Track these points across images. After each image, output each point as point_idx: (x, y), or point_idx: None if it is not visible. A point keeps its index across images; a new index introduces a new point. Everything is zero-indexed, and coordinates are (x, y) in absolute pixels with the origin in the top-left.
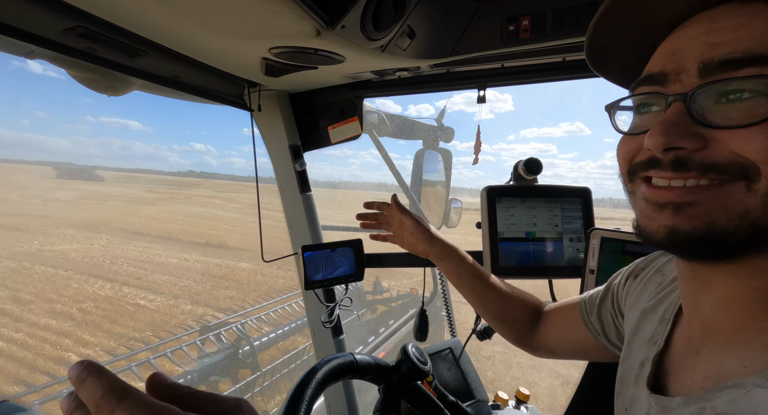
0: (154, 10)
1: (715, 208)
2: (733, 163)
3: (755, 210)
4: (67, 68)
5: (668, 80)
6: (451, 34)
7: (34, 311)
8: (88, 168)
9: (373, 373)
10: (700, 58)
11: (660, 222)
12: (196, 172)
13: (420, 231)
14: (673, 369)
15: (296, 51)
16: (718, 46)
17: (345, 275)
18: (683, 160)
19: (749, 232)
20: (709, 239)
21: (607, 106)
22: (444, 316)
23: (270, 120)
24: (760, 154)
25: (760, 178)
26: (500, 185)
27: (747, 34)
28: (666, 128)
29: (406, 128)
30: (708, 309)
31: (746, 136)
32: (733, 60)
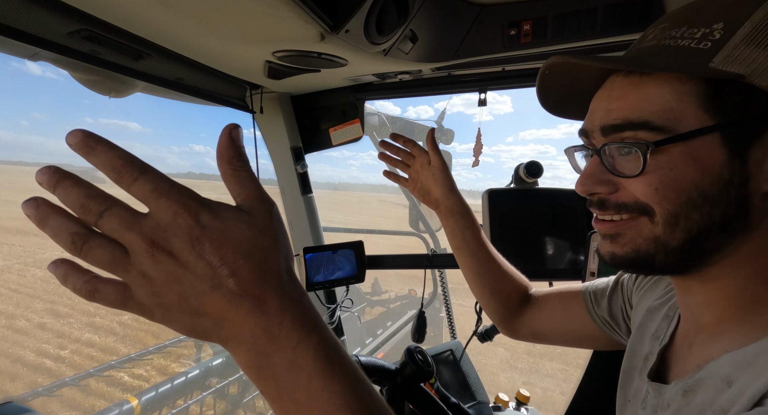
0: (160, 14)
1: (635, 237)
2: (636, 203)
3: (662, 236)
4: (71, 70)
5: (589, 136)
6: (453, 38)
7: (74, 326)
8: (89, 169)
9: (377, 375)
10: (600, 123)
11: (606, 249)
12: (195, 173)
13: (443, 176)
14: (672, 362)
15: (300, 54)
16: (610, 112)
17: (346, 276)
18: (603, 201)
19: (665, 252)
20: (639, 260)
21: (565, 149)
22: (443, 317)
23: (272, 122)
24: (649, 197)
25: (656, 214)
26: (501, 188)
27: (624, 103)
28: (585, 179)
29: (406, 130)
30: (695, 309)
31: (636, 184)
32: (616, 125)
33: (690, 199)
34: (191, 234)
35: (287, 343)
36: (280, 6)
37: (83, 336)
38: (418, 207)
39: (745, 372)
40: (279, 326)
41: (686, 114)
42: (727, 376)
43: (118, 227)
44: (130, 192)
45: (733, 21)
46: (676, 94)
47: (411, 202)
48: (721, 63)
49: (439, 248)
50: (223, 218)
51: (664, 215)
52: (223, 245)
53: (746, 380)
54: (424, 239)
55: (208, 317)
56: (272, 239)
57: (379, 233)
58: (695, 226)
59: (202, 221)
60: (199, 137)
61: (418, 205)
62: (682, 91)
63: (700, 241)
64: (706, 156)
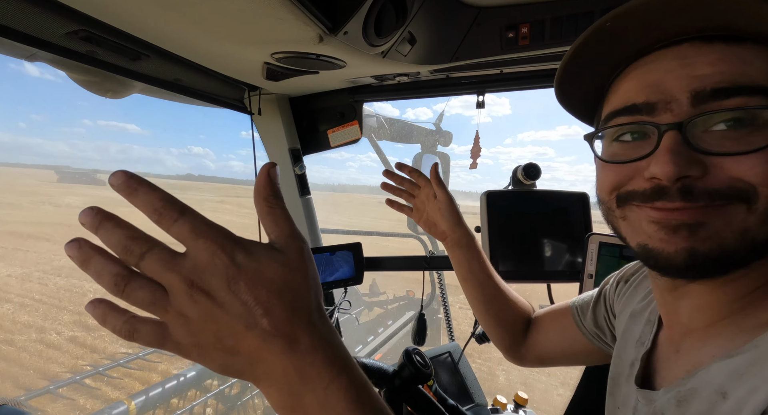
0: (158, 15)
1: (722, 228)
2: (731, 187)
3: (754, 228)
4: (68, 71)
5: (656, 110)
6: (451, 41)
7: (106, 340)
8: (89, 172)
9: (375, 376)
10: (690, 88)
11: (678, 245)
12: (194, 175)
13: (450, 210)
14: (659, 367)
15: (298, 56)
16: (701, 78)
17: (344, 278)
18: (690, 188)
19: (749, 249)
20: (721, 259)
21: (587, 135)
22: (440, 319)
23: (270, 123)
24: (760, 178)
25: (758, 199)
26: (500, 190)
27: (725, 68)
28: (675, 157)
29: (404, 132)
30: (685, 313)
31: (746, 161)
32: (722, 89)
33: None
34: (228, 274)
35: (319, 383)
36: (278, 8)
37: (119, 350)
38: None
39: (739, 384)
40: (311, 365)
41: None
42: (720, 387)
43: (158, 268)
44: (169, 233)
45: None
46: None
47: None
48: None
49: (437, 250)
50: (258, 257)
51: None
52: (257, 284)
53: (742, 393)
54: (422, 241)
55: (243, 356)
56: (303, 277)
57: (377, 234)
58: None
59: (237, 260)
60: (197, 139)
61: None
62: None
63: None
64: None
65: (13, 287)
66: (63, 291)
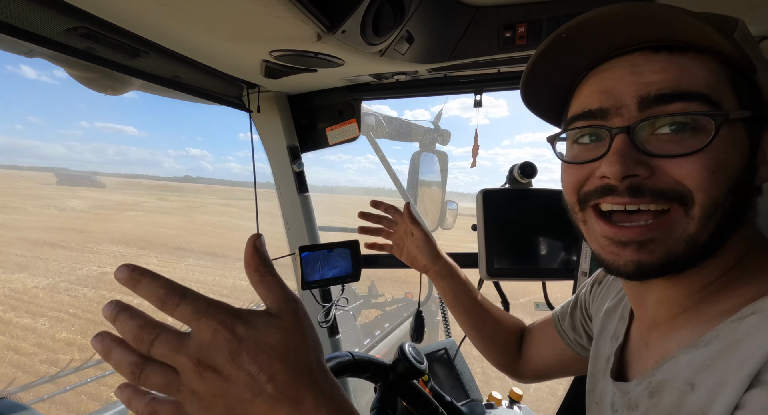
0: (158, 12)
1: (666, 238)
2: (674, 190)
3: (694, 233)
4: (66, 67)
5: (609, 115)
6: (449, 40)
7: None
8: (89, 174)
9: (370, 371)
10: (637, 94)
11: (626, 258)
12: (192, 177)
13: (427, 246)
14: (631, 360)
15: (297, 54)
16: (647, 84)
17: (341, 275)
18: (638, 186)
19: (693, 251)
20: (668, 265)
21: (549, 137)
22: (437, 321)
23: (268, 121)
24: (697, 182)
25: (695, 204)
26: (496, 188)
27: (668, 75)
28: (622, 158)
29: (403, 131)
30: (650, 306)
31: (684, 165)
32: (665, 95)
33: (732, 187)
34: (231, 348)
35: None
36: (276, 6)
37: None
38: (414, 207)
39: (706, 375)
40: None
41: (725, 96)
42: (688, 378)
43: (167, 351)
44: (174, 317)
45: (724, 27)
46: (715, 75)
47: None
48: (743, 46)
49: None
50: (256, 326)
51: (707, 203)
52: (259, 352)
53: (710, 384)
54: None
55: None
56: (301, 337)
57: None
58: (724, 217)
59: (238, 333)
60: (195, 141)
61: (413, 206)
62: (720, 72)
63: (722, 235)
64: (740, 142)
65: (43, 299)
66: (94, 304)
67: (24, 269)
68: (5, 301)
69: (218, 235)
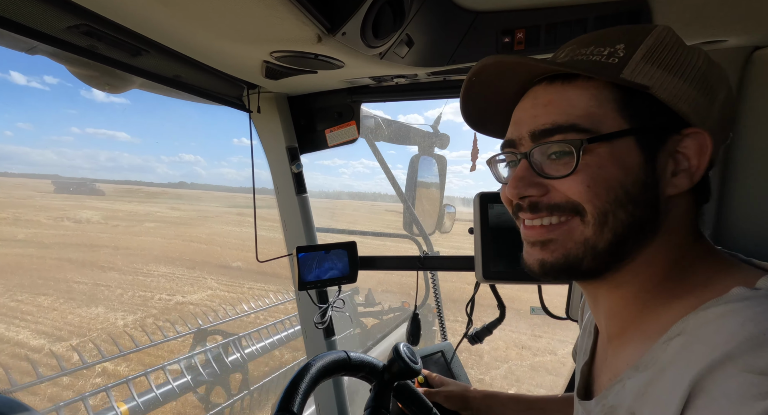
0: (160, 12)
1: (566, 241)
2: (567, 203)
3: (591, 237)
4: (68, 65)
5: (516, 144)
6: (448, 44)
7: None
8: (87, 181)
9: (365, 371)
10: (528, 129)
11: (534, 256)
12: (187, 183)
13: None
14: (596, 376)
15: (297, 55)
16: (537, 117)
17: (338, 276)
18: (535, 204)
19: (593, 254)
20: (567, 265)
21: (487, 161)
22: (435, 331)
23: (268, 122)
24: (581, 195)
25: (587, 213)
26: (493, 192)
27: (552, 109)
28: (516, 182)
29: (402, 134)
30: (602, 319)
31: (567, 184)
32: (546, 129)
33: (617, 197)
34: None
35: None
36: (277, 7)
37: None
38: (411, 210)
39: (643, 403)
40: None
41: (606, 118)
42: (629, 407)
43: None
44: None
45: (632, 43)
46: (596, 100)
47: (405, 205)
48: (629, 74)
49: (432, 251)
50: None
51: (595, 212)
52: None
53: (647, 413)
54: (417, 242)
55: None
56: None
57: (373, 235)
58: (621, 225)
59: None
60: (188, 147)
61: (411, 208)
62: (602, 97)
63: (623, 242)
64: (626, 157)
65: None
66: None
67: (96, 301)
68: (107, 347)
69: (245, 248)
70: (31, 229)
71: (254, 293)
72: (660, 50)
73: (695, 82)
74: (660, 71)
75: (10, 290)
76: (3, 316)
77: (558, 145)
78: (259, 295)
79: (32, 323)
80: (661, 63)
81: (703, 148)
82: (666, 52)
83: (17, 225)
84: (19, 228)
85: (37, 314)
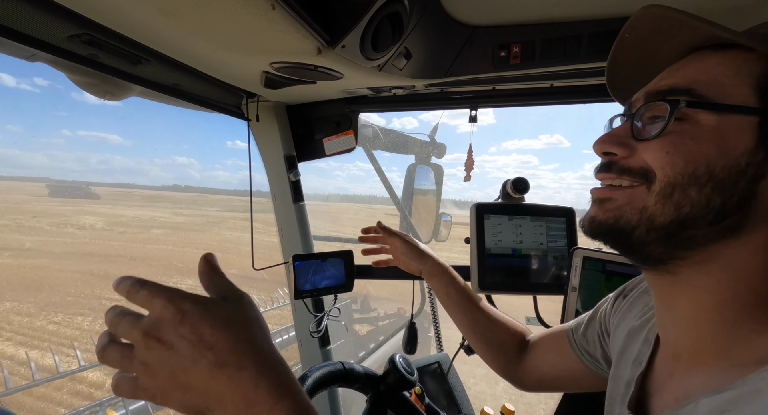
0: (162, 23)
1: (624, 204)
2: (641, 169)
3: (652, 207)
4: (68, 72)
5: (632, 106)
6: (446, 57)
7: None
8: (82, 184)
9: (361, 382)
10: (647, 89)
11: (588, 214)
12: (180, 186)
13: (409, 249)
14: (653, 390)
15: (297, 67)
16: (662, 80)
17: (334, 285)
18: (610, 164)
19: (648, 226)
20: (617, 229)
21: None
22: (430, 337)
23: (266, 130)
24: (655, 161)
25: (655, 181)
26: (489, 203)
27: (680, 73)
28: (605, 137)
29: (399, 143)
30: (672, 331)
31: (651, 147)
32: (661, 91)
33: (695, 173)
34: (174, 320)
35: (263, 407)
36: (279, 21)
37: None
38: (408, 219)
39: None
40: (255, 390)
41: (736, 90)
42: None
43: (126, 329)
44: (135, 303)
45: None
46: (734, 70)
47: (402, 213)
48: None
49: None
50: (203, 303)
51: (663, 181)
52: (201, 323)
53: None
54: None
55: (196, 391)
56: (245, 316)
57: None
58: (688, 205)
59: (183, 308)
60: (181, 149)
61: (408, 217)
62: (744, 69)
63: (688, 225)
64: (732, 137)
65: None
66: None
67: None
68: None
69: (269, 257)
70: (35, 236)
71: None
72: None
73: None
74: None
75: (44, 309)
76: (48, 342)
77: (657, 106)
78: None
79: (84, 352)
80: None
81: None
82: None
83: (20, 232)
84: (24, 236)
85: (83, 340)
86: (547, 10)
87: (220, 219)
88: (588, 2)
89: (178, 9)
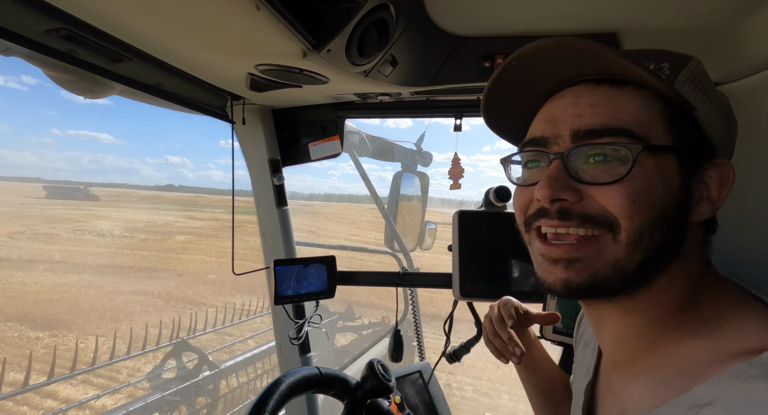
0: (144, 20)
1: (593, 260)
2: (601, 216)
3: (622, 258)
4: (44, 68)
5: (548, 143)
6: (432, 65)
7: None
8: (81, 185)
9: (337, 388)
10: (570, 128)
11: (557, 276)
12: (174, 185)
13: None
14: (599, 398)
15: (282, 69)
16: (581, 117)
17: (316, 291)
18: (566, 210)
19: (621, 277)
20: (594, 286)
21: (502, 159)
22: (414, 346)
23: (251, 133)
24: (618, 209)
25: (621, 230)
26: (472, 210)
27: (601, 110)
28: (551, 182)
29: (385, 150)
30: (607, 343)
31: (609, 193)
32: (593, 130)
33: (657, 217)
34: None
35: None
36: (264, 21)
37: None
38: (393, 226)
39: None
40: None
41: (655, 130)
42: None
43: None
44: None
45: (676, 64)
46: (646, 110)
47: (387, 221)
48: (681, 87)
49: (412, 268)
50: None
51: (632, 231)
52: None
53: None
54: (397, 258)
55: None
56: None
57: (353, 249)
58: (653, 248)
59: None
60: (174, 148)
61: (393, 224)
62: (652, 108)
63: (651, 265)
64: (670, 175)
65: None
66: None
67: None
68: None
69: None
70: (55, 245)
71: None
72: (700, 76)
73: (723, 113)
74: (701, 96)
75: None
76: None
77: (611, 148)
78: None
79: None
80: (702, 88)
81: (725, 180)
82: (704, 80)
83: (38, 240)
84: (44, 244)
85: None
86: (530, 23)
87: (238, 224)
88: (569, 18)
89: (160, 5)
